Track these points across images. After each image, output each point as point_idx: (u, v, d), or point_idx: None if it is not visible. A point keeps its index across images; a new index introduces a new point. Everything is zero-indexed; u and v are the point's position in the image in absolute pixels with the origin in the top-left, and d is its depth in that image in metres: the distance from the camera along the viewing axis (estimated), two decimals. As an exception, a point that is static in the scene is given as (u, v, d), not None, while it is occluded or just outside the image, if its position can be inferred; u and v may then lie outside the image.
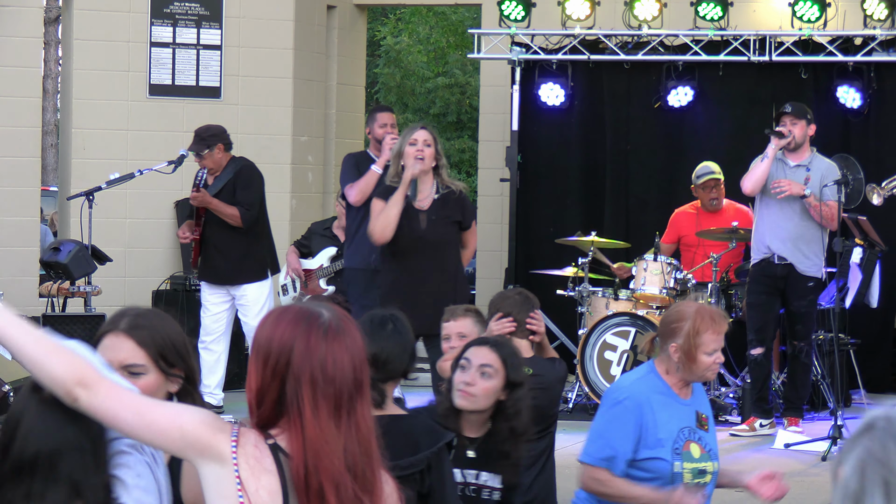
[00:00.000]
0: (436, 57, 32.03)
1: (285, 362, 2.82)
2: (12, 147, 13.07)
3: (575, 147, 13.84)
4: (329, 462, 2.77)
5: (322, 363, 2.81)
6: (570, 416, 11.20)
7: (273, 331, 2.85)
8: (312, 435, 2.78)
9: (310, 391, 2.80)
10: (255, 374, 2.86)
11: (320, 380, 2.81)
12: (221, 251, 10.58)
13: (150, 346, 3.41)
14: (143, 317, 3.46)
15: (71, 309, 11.40)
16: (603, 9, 13.73)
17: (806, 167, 10.55)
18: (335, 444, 2.79)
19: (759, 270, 10.66)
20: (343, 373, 2.82)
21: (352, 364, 2.84)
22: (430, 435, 4.70)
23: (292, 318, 2.86)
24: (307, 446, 2.78)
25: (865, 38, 12.86)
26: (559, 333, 13.26)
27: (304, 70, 14.16)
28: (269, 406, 2.83)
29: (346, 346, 2.85)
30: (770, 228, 10.56)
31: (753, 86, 13.09)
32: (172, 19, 13.63)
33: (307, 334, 2.83)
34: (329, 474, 2.77)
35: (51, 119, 28.38)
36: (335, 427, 2.79)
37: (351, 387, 2.83)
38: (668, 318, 5.43)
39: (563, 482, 8.83)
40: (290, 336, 2.83)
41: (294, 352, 2.82)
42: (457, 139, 31.56)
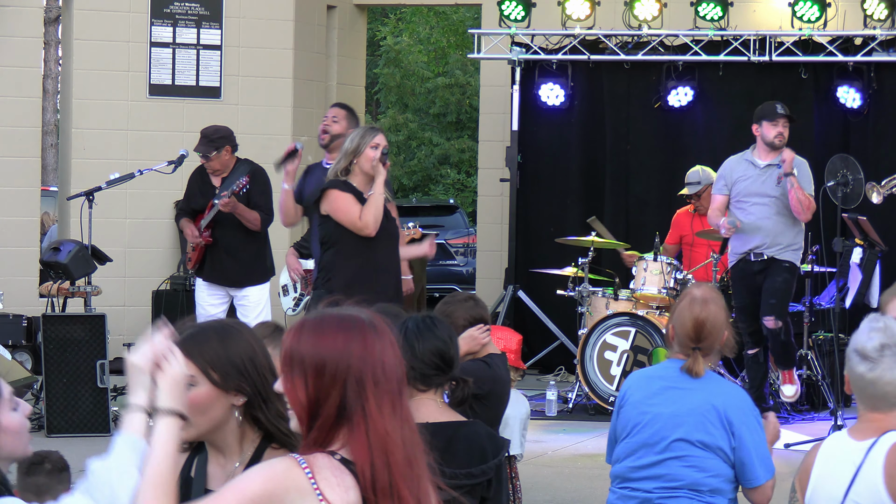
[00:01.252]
0: (436, 57, 32.04)
1: (345, 367, 2.84)
2: (12, 147, 13.08)
3: (575, 147, 13.85)
4: (395, 457, 2.83)
5: (381, 361, 2.86)
6: (570, 417, 11.21)
7: (320, 341, 2.87)
8: (381, 434, 2.82)
9: (374, 391, 2.84)
10: (305, 388, 2.86)
11: (382, 378, 2.85)
12: (232, 254, 10.57)
13: (199, 359, 3.44)
14: (200, 329, 3.52)
15: (71, 309, 11.39)
16: (603, 9, 13.74)
17: (777, 165, 10.44)
18: (398, 439, 2.84)
19: (737, 273, 10.56)
20: (395, 368, 2.88)
21: (398, 358, 2.90)
22: (493, 441, 4.68)
23: (338, 324, 2.89)
24: (375, 446, 2.82)
25: (865, 38, 12.87)
26: (559, 333, 13.26)
27: (304, 70, 14.16)
28: (330, 416, 2.84)
29: (391, 342, 2.91)
30: (748, 231, 10.43)
31: (753, 86, 13.09)
32: (172, 19, 13.63)
33: (363, 337, 2.87)
34: (398, 468, 2.82)
35: (51, 119, 28.38)
36: (394, 420, 2.85)
37: (402, 380, 2.90)
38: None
39: (562, 482, 8.84)
40: (345, 342, 2.86)
41: (353, 356, 2.85)
42: (457, 139, 31.57)
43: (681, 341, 5.21)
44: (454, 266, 21.89)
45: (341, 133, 9.45)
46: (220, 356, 3.46)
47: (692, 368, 5.16)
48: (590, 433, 10.53)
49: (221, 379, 3.45)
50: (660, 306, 11.45)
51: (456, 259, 22.09)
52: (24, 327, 12.15)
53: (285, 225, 9.75)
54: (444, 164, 31.86)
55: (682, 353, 5.23)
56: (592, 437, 10.39)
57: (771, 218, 10.38)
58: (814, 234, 11.09)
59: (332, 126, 9.46)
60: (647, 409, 5.21)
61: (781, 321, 10.41)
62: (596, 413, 11.29)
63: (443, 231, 21.66)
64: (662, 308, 11.45)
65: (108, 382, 10.08)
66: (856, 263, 10.76)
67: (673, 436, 5.15)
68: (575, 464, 9.43)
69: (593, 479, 8.96)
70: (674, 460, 5.15)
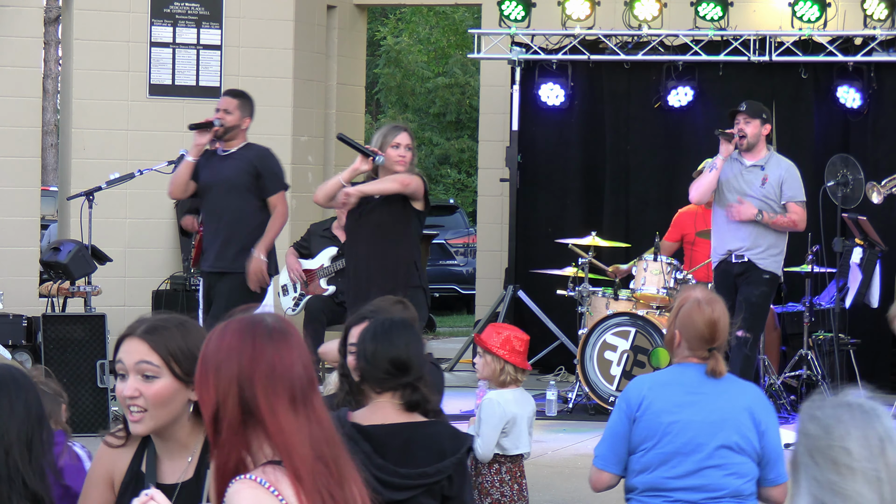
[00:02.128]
0: (436, 57, 32.05)
1: (236, 369, 2.89)
2: (12, 147, 13.07)
3: (575, 147, 13.85)
4: (299, 455, 2.85)
5: (272, 364, 2.89)
6: (570, 417, 11.21)
7: (219, 344, 2.93)
8: (280, 434, 2.86)
9: (265, 392, 2.87)
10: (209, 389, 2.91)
11: (272, 380, 2.88)
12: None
13: (164, 350, 3.47)
14: (161, 322, 3.55)
15: (71, 309, 11.39)
16: (603, 9, 13.74)
17: (761, 167, 10.28)
18: (302, 438, 2.87)
19: (719, 275, 10.36)
20: (292, 370, 2.91)
21: (300, 361, 2.93)
22: (454, 440, 4.70)
23: (234, 329, 2.95)
24: (277, 446, 2.86)
25: (865, 38, 12.87)
26: (559, 333, 13.26)
27: (304, 70, 14.16)
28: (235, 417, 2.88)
29: (292, 346, 2.94)
30: (730, 230, 10.22)
31: (753, 86, 13.08)
32: (172, 19, 13.63)
33: (252, 340, 2.91)
34: (306, 466, 2.85)
35: (51, 119, 28.39)
36: (296, 422, 2.87)
37: (303, 382, 2.91)
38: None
39: (562, 482, 8.84)
40: (238, 344, 2.91)
41: (243, 358, 2.89)
42: (457, 139, 31.57)
43: (692, 345, 5.20)
44: (454, 266, 21.90)
45: (236, 124, 9.47)
46: (182, 349, 3.50)
47: (715, 369, 5.16)
48: (590, 433, 10.53)
49: (183, 371, 3.47)
50: (660, 306, 11.45)
51: (456, 259, 22.09)
52: (24, 327, 12.14)
53: (172, 196, 9.79)
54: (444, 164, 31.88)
55: (693, 356, 5.21)
56: (592, 437, 10.38)
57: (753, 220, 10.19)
58: (814, 234, 11.08)
59: (225, 118, 9.45)
60: (676, 418, 5.17)
61: (751, 334, 10.27)
62: (596, 413, 11.29)
63: (443, 231, 21.66)
64: (662, 308, 11.45)
65: (109, 382, 10.08)
66: (856, 263, 10.77)
67: (713, 443, 5.14)
68: (575, 464, 9.43)
69: (593, 479, 8.95)
70: (713, 469, 5.14)
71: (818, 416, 2.79)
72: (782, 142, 13.06)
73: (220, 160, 9.52)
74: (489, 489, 6.66)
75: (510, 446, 6.70)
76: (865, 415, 2.79)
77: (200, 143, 9.42)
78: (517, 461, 6.73)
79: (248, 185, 9.41)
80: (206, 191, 9.52)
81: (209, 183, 9.47)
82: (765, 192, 10.17)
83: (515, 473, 6.71)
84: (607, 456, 5.26)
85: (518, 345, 6.76)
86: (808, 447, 2.78)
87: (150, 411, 3.47)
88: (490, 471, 6.68)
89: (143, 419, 3.47)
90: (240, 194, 9.42)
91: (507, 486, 6.68)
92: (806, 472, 2.77)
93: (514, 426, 6.71)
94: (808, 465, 2.77)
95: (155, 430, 3.51)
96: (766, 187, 10.16)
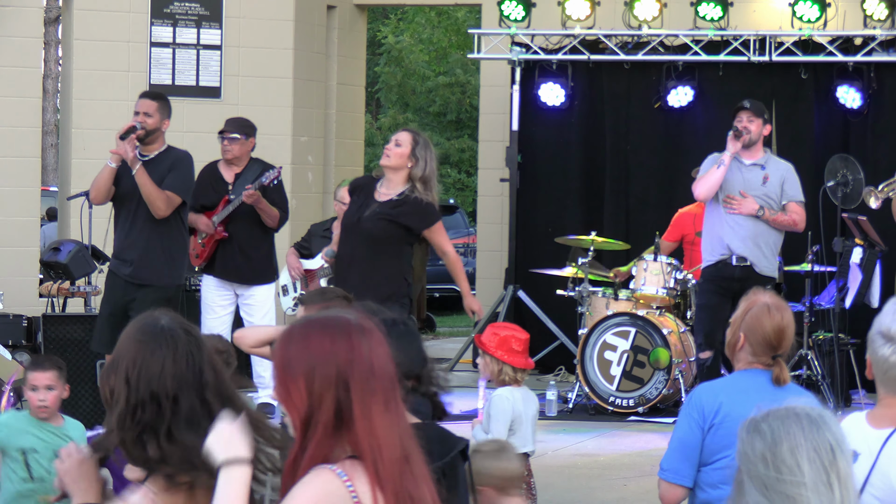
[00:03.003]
0: (437, 56, 32.04)
1: (333, 371, 2.84)
2: (12, 147, 13.08)
3: (575, 147, 13.85)
4: (390, 455, 2.84)
5: (369, 362, 2.86)
6: (570, 416, 11.20)
7: (307, 347, 2.87)
8: (374, 434, 2.83)
9: (363, 392, 2.84)
10: (300, 395, 2.86)
11: (370, 378, 2.85)
12: (245, 251, 10.51)
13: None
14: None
15: (71, 309, 11.39)
16: (603, 9, 13.74)
17: (761, 166, 10.20)
18: (392, 437, 2.85)
19: (714, 272, 10.20)
20: (384, 367, 2.89)
21: (388, 357, 2.91)
22: (442, 443, 4.65)
23: (322, 328, 2.89)
24: (370, 447, 2.83)
25: (865, 38, 12.87)
26: (559, 333, 13.26)
27: (304, 70, 14.16)
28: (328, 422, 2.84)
29: (380, 342, 2.90)
30: (731, 228, 10.12)
31: (753, 86, 13.07)
32: (172, 19, 13.63)
33: (348, 338, 2.87)
34: (391, 466, 2.84)
35: (51, 119, 28.39)
36: (388, 421, 2.85)
37: (393, 378, 2.90)
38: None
39: (562, 482, 8.84)
40: (330, 345, 2.86)
41: (340, 358, 2.85)
42: (457, 139, 31.57)
43: (757, 350, 5.03)
44: (454, 266, 21.83)
45: (157, 127, 9.43)
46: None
47: (780, 377, 5.01)
48: (590, 433, 10.53)
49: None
50: (660, 306, 11.45)
51: (456, 259, 22.03)
52: (24, 327, 12.15)
53: (94, 202, 9.66)
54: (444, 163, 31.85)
55: (757, 362, 5.04)
56: (592, 437, 10.39)
57: (752, 219, 10.11)
58: (814, 234, 11.08)
59: (146, 121, 9.42)
60: None
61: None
62: (596, 413, 11.29)
63: (443, 231, 21.61)
64: (662, 308, 11.46)
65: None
66: (856, 263, 10.77)
67: None
68: (575, 464, 9.43)
69: (593, 478, 8.97)
70: None
71: (764, 428, 2.71)
72: (782, 142, 13.06)
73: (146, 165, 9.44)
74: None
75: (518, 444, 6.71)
76: (814, 423, 2.71)
77: (122, 152, 9.34)
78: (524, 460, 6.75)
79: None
80: (124, 199, 9.41)
81: (128, 192, 9.34)
82: (766, 190, 10.13)
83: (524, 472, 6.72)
84: (680, 469, 4.98)
85: (516, 345, 6.77)
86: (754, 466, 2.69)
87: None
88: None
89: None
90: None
91: (516, 485, 6.69)
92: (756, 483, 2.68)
93: (521, 424, 6.73)
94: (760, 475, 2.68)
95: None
96: (767, 186, 10.13)
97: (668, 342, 11.12)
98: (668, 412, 11.26)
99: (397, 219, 8.29)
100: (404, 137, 8.42)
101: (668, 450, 5.01)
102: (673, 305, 11.57)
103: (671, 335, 11.21)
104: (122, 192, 9.40)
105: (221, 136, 10.55)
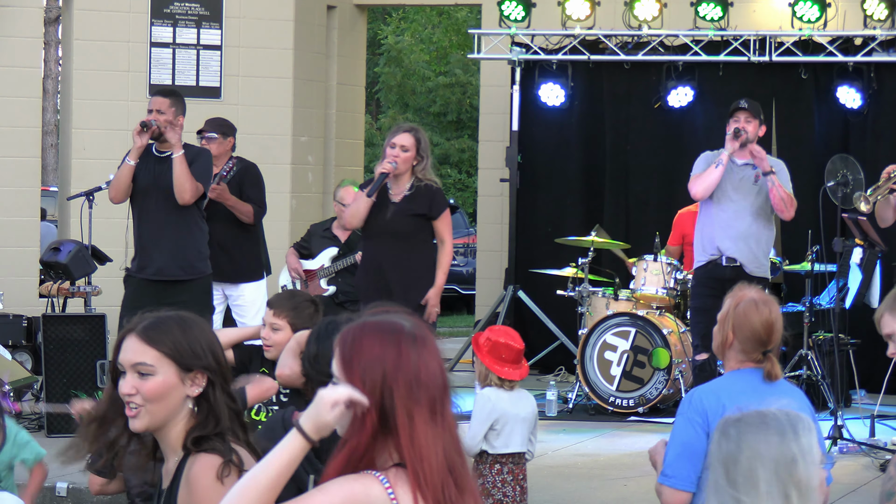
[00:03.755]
0: (437, 56, 32.05)
1: (381, 375, 2.87)
2: (12, 147, 13.08)
3: (575, 147, 13.85)
4: (431, 465, 2.85)
5: (416, 370, 2.88)
6: (570, 417, 11.20)
7: (360, 348, 2.90)
8: (416, 443, 2.86)
9: (408, 399, 2.87)
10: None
11: (416, 387, 2.88)
12: (225, 248, 10.53)
13: (159, 348, 3.47)
14: (160, 320, 3.53)
15: (71, 309, 11.39)
16: (603, 9, 13.74)
17: (753, 166, 10.19)
18: (437, 448, 2.87)
19: (705, 273, 10.16)
20: (434, 377, 2.90)
21: (439, 367, 2.93)
22: None
23: (375, 332, 2.92)
24: (412, 455, 2.85)
25: (865, 39, 12.87)
26: (559, 333, 13.26)
27: (304, 70, 14.16)
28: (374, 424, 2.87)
29: (432, 352, 2.93)
30: (721, 228, 10.08)
31: (753, 86, 13.07)
32: (172, 19, 13.63)
33: (397, 345, 2.90)
34: (434, 477, 2.85)
35: (51, 119, 28.38)
36: (433, 431, 2.87)
37: (441, 390, 2.91)
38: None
39: (562, 482, 8.84)
40: (380, 350, 2.89)
41: (387, 364, 2.88)
42: (457, 139, 31.57)
43: (746, 347, 5.00)
44: (454, 266, 21.90)
45: (170, 122, 9.43)
46: (181, 345, 3.49)
47: (771, 373, 4.99)
48: (590, 433, 10.53)
49: (182, 368, 3.47)
50: (660, 306, 11.45)
51: (456, 259, 22.11)
52: (24, 327, 12.15)
53: (114, 201, 9.66)
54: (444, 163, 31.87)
55: (748, 360, 5.01)
56: (592, 437, 10.38)
57: (744, 219, 10.07)
58: (814, 234, 11.08)
59: (158, 119, 9.43)
60: None
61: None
62: (596, 413, 11.29)
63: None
64: (662, 308, 11.46)
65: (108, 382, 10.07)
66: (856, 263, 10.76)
67: None
68: (575, 464, 9.43)
69: (593, 478, 8.96)
70: None
71: (731, 433, 2.81)
72: (782, 142, 13.06)
73: (156, 162, 9.44)
74: (490, 490, 6.67)
75: (500, 445, 6.70)
76: (781, 433, 2.78)
77: (141, 146, 9.37)
78: (519, 463, 6.73)
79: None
80: (143, 194, 9.43)
81: (147, 187, 9.37)
82: (758, 189, 10.14)
83: (517, 475, 6.71)
84: (685, 475, 4.85)
85: (507, 355, 6.74)
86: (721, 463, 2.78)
87: (146, 407, 3.47)
88: (492, 472, 6.68)
89: (139, 415, 3.48)
90: (175, 201, 9.32)
91: (509, 486, 6.68)
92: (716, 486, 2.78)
93: (506, 425, 6.71)
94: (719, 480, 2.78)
95: (151, 427, 3.50)
96: (759, 184, 10.12)
97: (668, 342, 11.12)
98: (668, 412, 11.26)
99: (417, 210, 8.94)
100: (408, 141, 8.98)
101: (668, 455, 4.91)
102: (673, 305, 11.57)
103: (671, 335, 11.21)
104: (140, 189, 9.41)
105: (200, 135, 10.61)
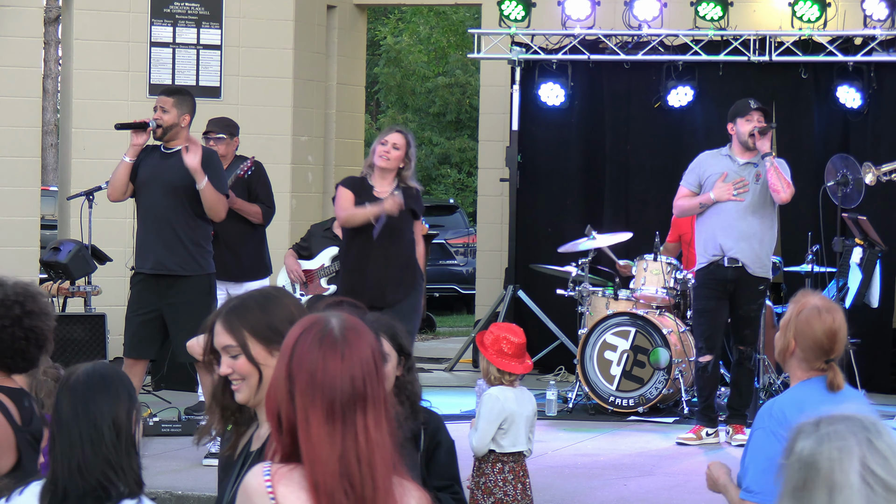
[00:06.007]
0: (436, 57, 32.06)
1: (286, 371, 2.87)
2: (12, 147, 13.08)
3: (575, 147, 13.85)
4: (323, 469, 2.80)
5: (312, 370, 2.83)
6: (570, 417, 11.20)
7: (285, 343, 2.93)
8: (307, 441, 2.82)
9: (303, 399, 2.83)
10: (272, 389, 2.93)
11: (311, 388, 2.83)
12: (232, 248, 10.54)
13: (239, 330, 3.58)
14: (243, 300, 3.66)
15: (71, 309, 11.40)
16: (603, 9, 13.74)
17: (755, 164, 10.17)
18: (331, 452, 2.81)
19: (707, 274, 10.13)
20: (332, 380, 2.83)
21: (348, 374, 2.84)
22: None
23: (300, 323, 2.92)
24: (305, 455, 2.82)
25: (865, 38, 12.87)
26: (559, 333, 13.26)
27: (304, 70, 14.16)
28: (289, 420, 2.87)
29: (343, 357, 2.85)
30: (722, 228, 10.03)
31: (753, 86, 13.06)
32: (172, 19, 13.63)
33: (304, 343, 2.87)
34: (324, 477, 2.80)
35: (51, 119, 28.38)
36: (329, 435, 2.81)
37: (346, 396, 2.83)
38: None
39: (562, 482, 8.84)
40: (290, 342, 2.89)
41: (292, 358, 2.87)
42: (457, 139, 31.58)
43: (808, 355, 4.82)
44: (454, 266, 21.90)
45: (174, 123, 9.39)
46: (260, 324, 3.59)
47: (834, 382, 4.80)
48: (590, 433, 10.53)
49: (266, 345, 3.58)
50: (660, 306, 11.45)
51: (456, 259, 22.10)
52: (24, 327, 12.14)
53: (111, 199, 9.59)
54: (444, 163, 31.89)
55: (811, 368, 4.84)
56: (592, 437, 10.38)
57: (746, 219, 10.03)
58: (814, 234, 11.08)
59: (162, 117, 9.39)
60: None
61: (752, 348, 10.13)
62: (596, 413, 11.29)
63: (443, 231, 21.66)
64: (662, 308, 11.46)
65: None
66: (856, 263, 10.76)
67: None
68: (575, 464, 9.43)
69: (593, 478, 8.96)
70: None
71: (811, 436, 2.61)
72: (782, 142, 13.06)
73: (161, 158, 9.38)
74: (492, 488, 6.67)
75: (507, 444, 6.71)
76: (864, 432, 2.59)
77: (138, 144, 9.31)
78: (520, 461, 6.74)
79: (189, 186, 9.21)
80: (144, 188, 9.33)
81: (147, 181, 9.29)
82: (758, 187, 10.12)
83: (518, 473, 6.72)
84: (772, 489, 4.41)
85: (507, 347, 6.74)
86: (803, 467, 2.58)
87: (245, 381, 3.59)
88: (493, 470, 6.69)
89: (241, 388, 3.60)
90: (177, 196, 9.26)
91: (511, 485, 6.69)
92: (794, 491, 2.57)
93: (513, 424, 6.72)
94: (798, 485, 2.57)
95: (252, 399, 3.60)
96: (760, 182, 10.10)
97: (668, 342, 11.13)
98: (668, 412, 11.27)
99: (406, 204, 9.15)
100: (400, 141, 9.25)
101: (751, 470, 4.72)
102: (673, 305, 11.57)
103: (671, 335, 11.21)
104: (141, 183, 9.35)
105: (206, 136, 10.59)
